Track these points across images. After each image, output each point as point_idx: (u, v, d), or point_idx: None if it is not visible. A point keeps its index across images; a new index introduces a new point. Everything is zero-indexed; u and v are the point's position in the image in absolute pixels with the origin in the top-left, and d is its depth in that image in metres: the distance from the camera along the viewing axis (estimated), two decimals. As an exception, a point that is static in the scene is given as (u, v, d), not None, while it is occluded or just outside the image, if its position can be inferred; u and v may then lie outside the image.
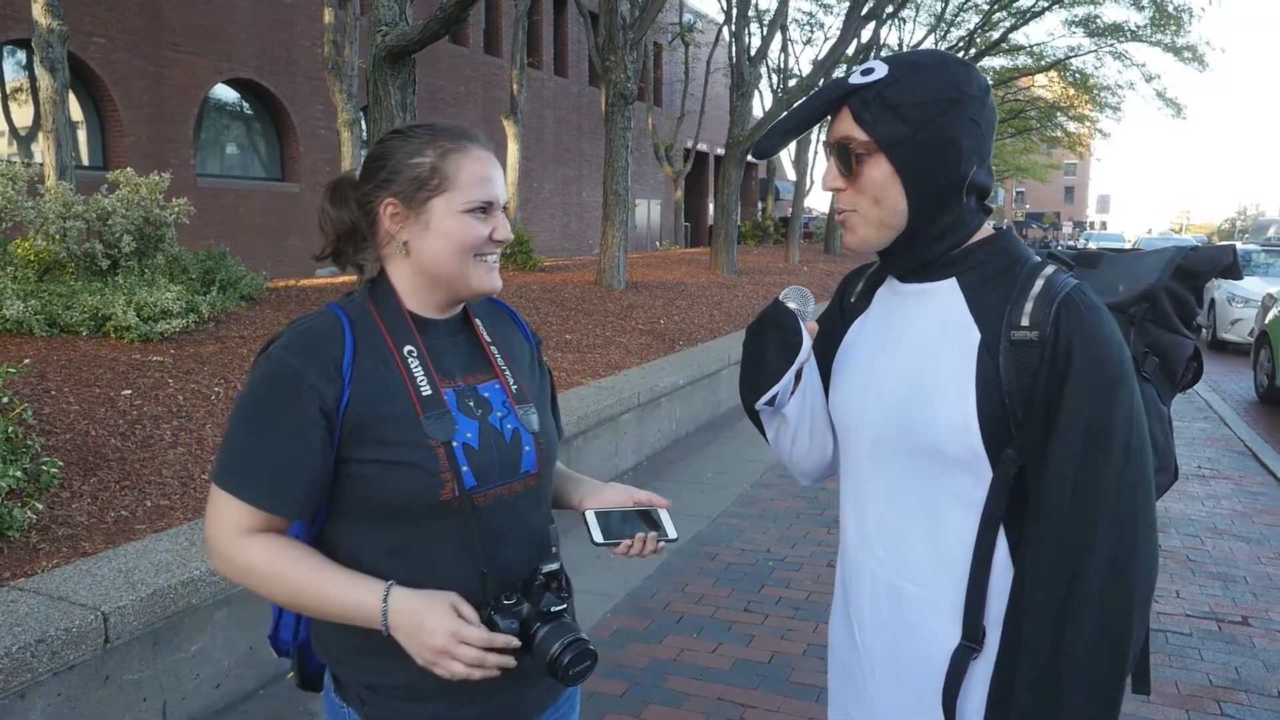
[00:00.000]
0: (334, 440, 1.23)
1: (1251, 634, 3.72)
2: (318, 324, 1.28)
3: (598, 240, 15.71)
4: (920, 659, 1.24)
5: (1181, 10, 23.05)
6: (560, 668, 1.22)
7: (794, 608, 3.89)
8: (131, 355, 5.09)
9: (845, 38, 16.77)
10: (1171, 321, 1.35)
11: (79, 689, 2.56)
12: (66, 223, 6.08)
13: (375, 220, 1.32)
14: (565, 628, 1.25)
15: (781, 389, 1.29)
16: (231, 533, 1.23)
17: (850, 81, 1.20)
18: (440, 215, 1.28)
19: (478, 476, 1.27)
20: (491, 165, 1.32)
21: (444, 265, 1.29)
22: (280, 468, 1.21)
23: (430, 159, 1.29)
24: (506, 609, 1.24)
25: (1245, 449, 6.93)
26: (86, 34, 11.76)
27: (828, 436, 1.40)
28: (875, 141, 1.18)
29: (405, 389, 1.26)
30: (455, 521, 1.25)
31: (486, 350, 1.39)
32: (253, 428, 1.22)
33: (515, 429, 1.34)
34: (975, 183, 1.20)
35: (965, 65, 1.19)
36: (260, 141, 15.22)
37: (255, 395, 1.23)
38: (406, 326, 1.30)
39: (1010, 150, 43.14)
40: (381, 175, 1.30)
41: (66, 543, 3.17)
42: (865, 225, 1.23)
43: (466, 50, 19.40)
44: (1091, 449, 1.10)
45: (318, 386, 1.22)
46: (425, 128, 1.33)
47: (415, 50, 6.70)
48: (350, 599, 1.20)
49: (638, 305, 10.41)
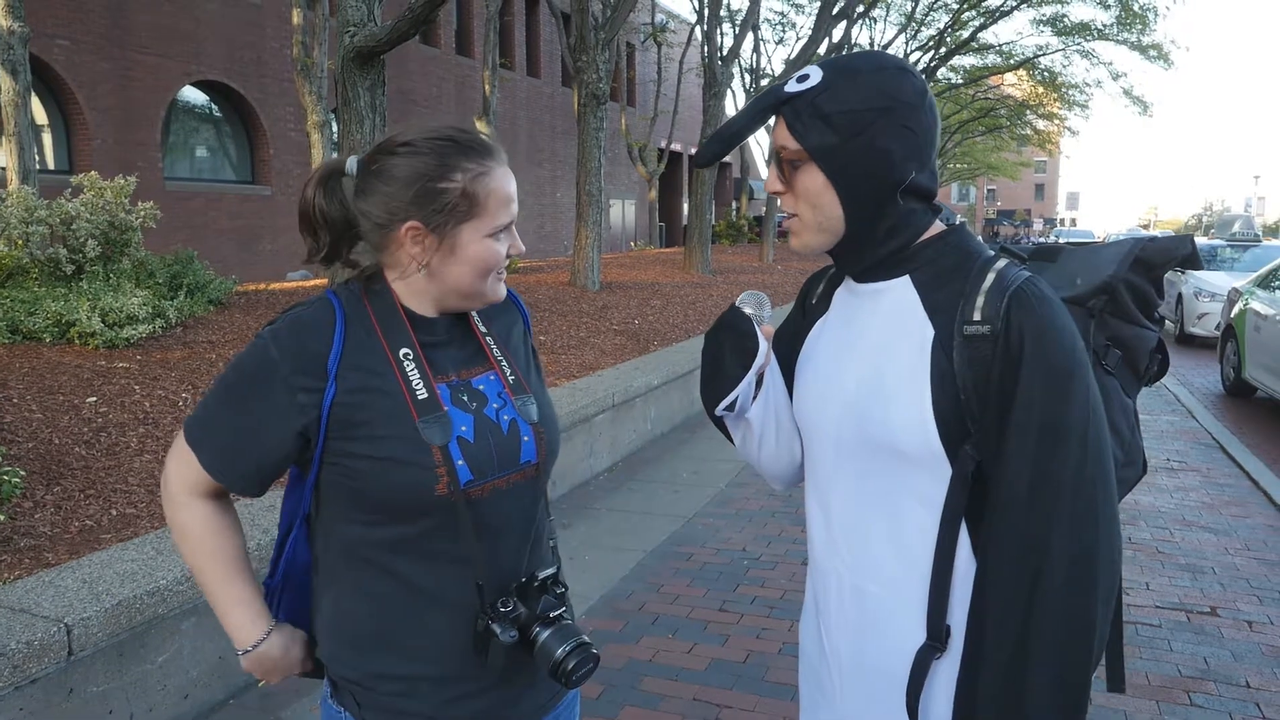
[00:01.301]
0: (318, 434, 1.24)
1: (1220, 624, 3.77)
2: (308, 316, 1.26)
3: (572, 241, 15.70)
4: (885, 661, 1.24)
5: (1147, 9, 23.37)
6: (564, 672, 1.21)
7: (769, 606, 3.90)
8: (96, 362, 5.01)
9: (817, 37, 16.86)
10: (1131, 313, 1.35)
11: (42, 703, 2.51)
12: (29, 228, 5.98)
13: (389, 237, 1.26)
14: (567, 630, 1.24)
15: (741, 394, 1.28)
16: (186, 485, 1.29)
17: (785, 90, 1.20)
18: (467, 242, 1.25)
19: (474, 470, 1.25)
20: (512, 182, 1.30)
21: (464, 286, 1.28)
22: (236, 444, 1.25)
23: (460, 184, 1.24)
24: (504, 616, 1.23)
25: (1213, 441, 7.03)
26: (49, 36, 11.58)
27: (795, 440, 1.39)
28: (806, 151, 1.18)
29: (399, 390, 1.24)
30: (451, 517, 1.24)
31: (482, 342, 1.36)
32: (225, 399, 1.26)
33: (513, 420, 1.32)
34: (915, 186, 1.20)
35: (900, 71, 1.18)
36: (230, 144, 15.06)
37: (238, 370, 1.26)
38: (402, 327, 1.28)
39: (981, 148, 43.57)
40: (402, 195, 1.24)
41: (29, 553, 3.11)
42: (806, 230, 1.23)
43: (438, 51, 19.31)
44: (1047, 444, 1.10)
45: (292, 381, 1.22)
46: (444, 141, 1.26)
47: (384, 51, 6.65)
48: (232, 615, 1.30)
49: (612, 306, 10.40)
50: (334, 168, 1.31)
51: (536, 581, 1.27)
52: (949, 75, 31.08)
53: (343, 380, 1.23)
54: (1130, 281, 1.33)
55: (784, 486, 1.47)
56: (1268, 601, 4.00)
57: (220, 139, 14.96)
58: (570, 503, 5.34)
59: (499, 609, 1.23)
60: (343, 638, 1.28)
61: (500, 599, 1.25)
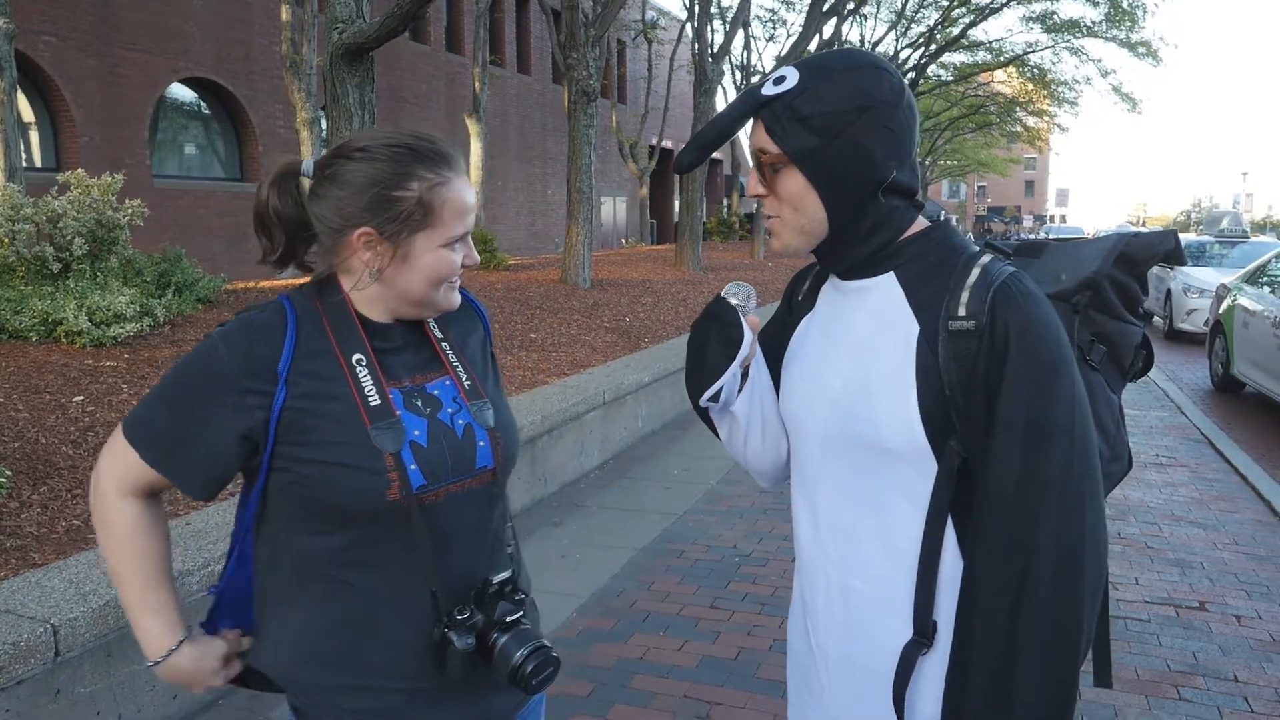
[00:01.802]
0: (267, 439, 1.22)
1: (1208, 619, 3.79)
2: (260, 318, 1.25)
3: (563, 238, 15.67)
4: (872, 659, 1.23)
5: (1135, 6, 23.45)
6: (523, 677, 1.20)
7: (760, 603, 3.90)
8: (83, 360, 4.98)
9: (807, 34, 16.87)
10: (1116, 309, 1.35)
11: (28, 704, 2.49)
12: (15, 225, 5.94)
13: (341, 242, 1.26)
14: (525, 635, 1.23)
15: (726, 386, 1.28)
16: (117, 482, 1.27)
17: (762, 93, 1.19)
18: (421, 251, 1.24)
19: (427, 475, 1.24)
20: (470, 191, 1.29)
21: (415, 294, 1.27)
22: (178, 441, 1.23)
23: (416, 193, 1.23)
24: (460, 624, 1.21)
25: (1202, 437, 7.06)
26: (35, 32, 11.49)
27: (781, 437, 1.39)
28: (786, 154, 1.17)
29: (351, 396, 1.23)
30: (404, 522, 1.22)
31: (437, 348, 1.35)
32: (169, 396, 1.24)
33: (468, 425, 1.31)
34: (896, 184, 1.19)
35: (876, 69, 1.18)
36: (219, 141, 14.98)
37: (185, 370, 1.24)
38: (355, 333, 1.27)
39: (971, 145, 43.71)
40: (355, 203, 1.23)
41: (15, 554, 3.09)
42: (788, 232, 1.23)
43: (428, 48, 19.24)
44: (1034, 439, 1.10)
45: (241, 383, 1.21)
46: (401, 149, 1.24)
47: (373, 47, 6.63)
48: (144, 623, 1.27)
49: (603, 303, 10.39)
50: (289, 169, 1.30)
51: (493, 587, 1.25)
52: (939, 72, 31.17)
53: (293, 385, 1.22)
54: (1114, 277, 1.34)
55: (770, 484, 1.47)
56: (1256, 596, 4.02)
57: (209, 136, 14.88)
58: (561, 500, 5.33)
59: (455, 617, 1.22)
60: (299, 653, 1.26)
61: (457, 606, 1.23)
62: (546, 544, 4.62)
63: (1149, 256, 1.36)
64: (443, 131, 19.65)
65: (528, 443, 5.10)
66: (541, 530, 4.81)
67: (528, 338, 7.88)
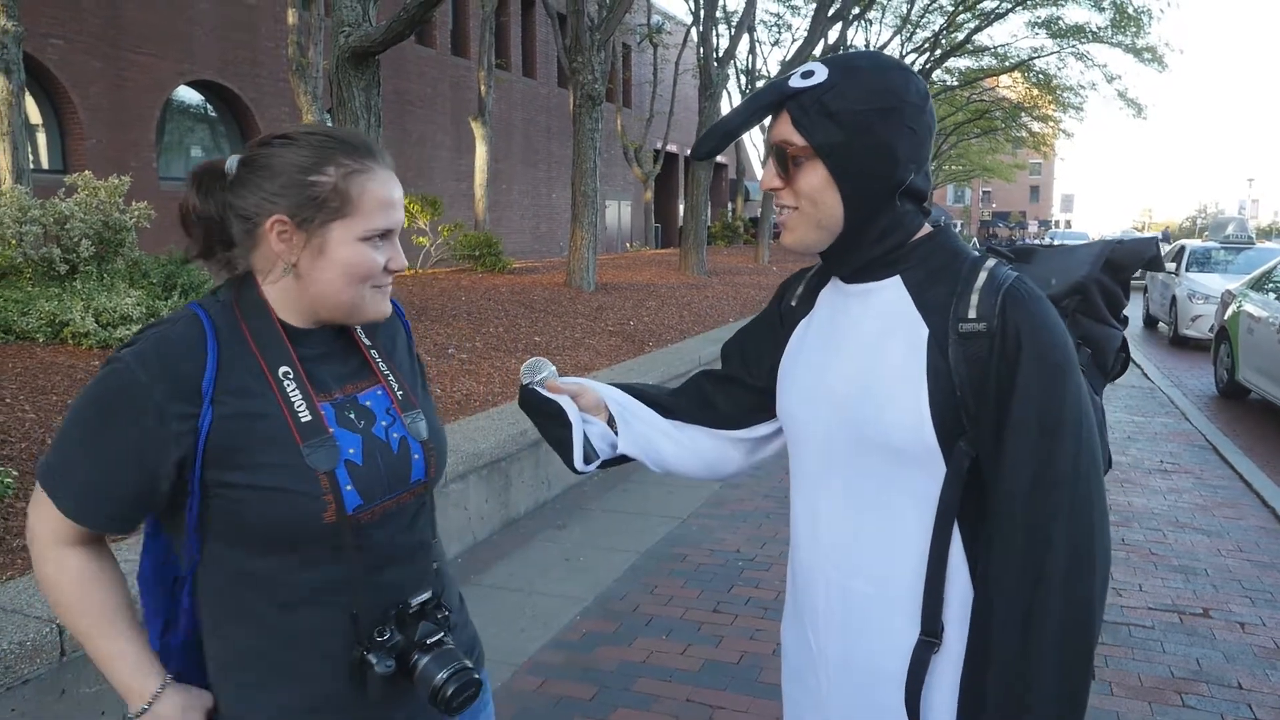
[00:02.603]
0: (194, 463, 1.14)
1: (1212, 626, 3.78)
2: (175, 333, 1.15)
3: (567, 242, 15.71)
4: (876, 659, 1.24)
5: (1141, 12, 23.44)
6: (443, 699, 1.16)
7: (763, 608, 3.90)
8: (90, 362, 5.00)
9: (812, 39, 16.89)
10: (1101, 313, 1.39)
11: (34, 704, 2.50)
12: (22, 227, 5.97)
13: (256, 234, 1.19)
14: (447, 656, 1.19)
15: (590, 446, 1.37)
16: (50, 535, 1.17)
17: (790, 85, 1.19)
18: (337, 242, 1.17)
19: (363, 494, 1.18)
20: (395, 187, 1.22)
21: (334, 294, 1.19)
22: (100, 482, 1.13)
23: (332, 178, 1.16)
24: (380, 645, 1.18)
25: (1206, 443, 7.04)
26: (43, 35, 11.55)
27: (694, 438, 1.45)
28: (812, 147, 1.18)
29: (281, 413, 1.16)
30: (338, 543, 1.18)
31: (366, 355, 1.29)
32: (82, 435, 1.14)
33: (403, 438, 1.26)
34: (912, 187, 1.21)
35: (904, 71, 1.19)
36: (225, 144, 15.03)
37: (94, 402, 1.13)
38: (280, 343, 1.19)
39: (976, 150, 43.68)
40: (270, 188, 1.16)
41: (21, 554, 3.10)
42: (802, 226, 1.23)
43: (434, 52, 19.29)
44: (1047, 438, 1.12)
45: (165, 406, 1.11)
46: (324, 136, 1.20)
47: (379, 51, 6.66)
48: (116, 673, 1.17)
49: (607, 307, 10.40)
50: (213, 167, 1.23)
51: (412, 608, 1.21)
52: (944, 77, 31.16)
53: (219, 405, 1.13)
54: (1101, 282, 1.38)
55: (722, 476, 1.52)
56: (1260, 603, 4.01)
57: (215, 139, 14.94)
58: (565, 504, 5.34)
59: (375, 638, 1.18)
60: (233, 676, 1.21)
61: (377, 628, 1.19)
62: (550, 547, 4.62)
63: (1134, 263, 1.40)
64: (448, 135, 19.69)
65: (532, 446, 5.11)
66: (545, 533, 4.82)
67: (532, 341, 7.89)
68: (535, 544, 4.64)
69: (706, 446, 1.46)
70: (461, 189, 19.58)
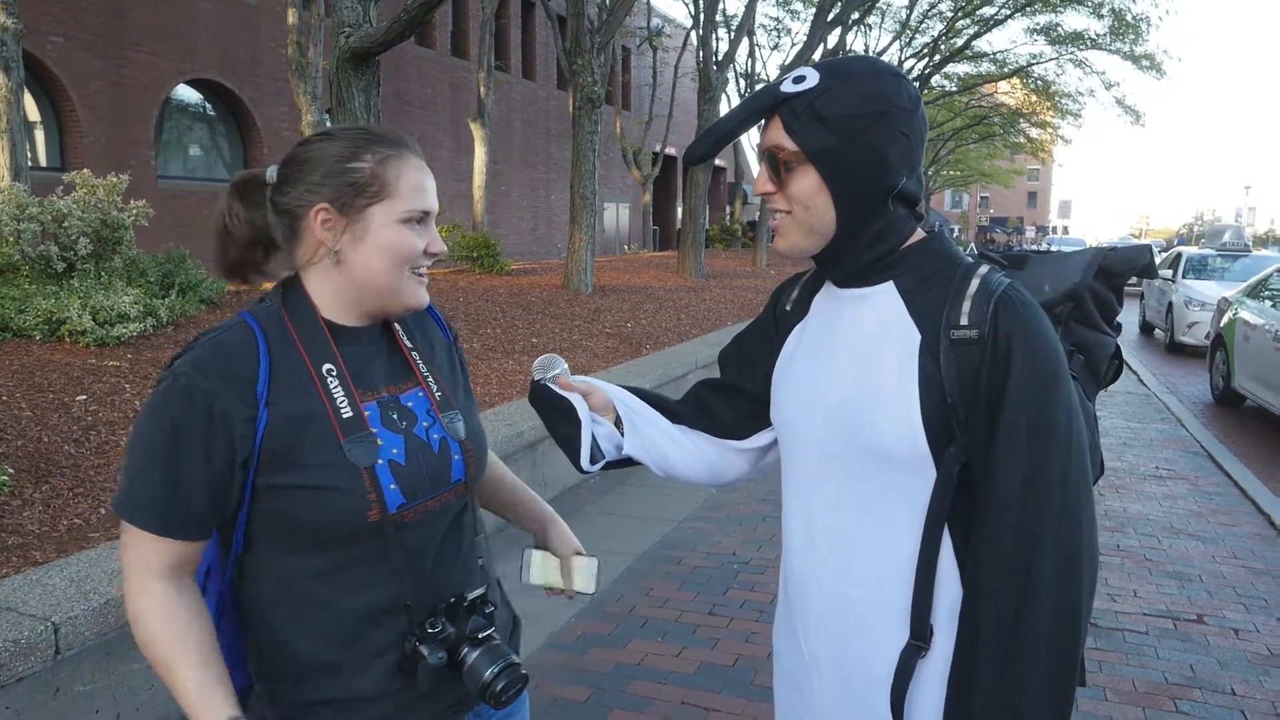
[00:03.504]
0: (251, 466, 1.16)
1: (1206, 632, 3.79)
2: (230, 339, 1.19)
3: (565, 244, 15.71)
4: (868, 663, 1.24)
5: (1140, 19, 23.49)
6: (493, 693, 1.20)
7: (759, 610, 3.90)
8: (87, 360, 5.00)
9: (812, 44, 16.91)
10: (1094, 320, 1.40)
11: (28, 702, 2.50)
12: (20, 225, 5.96)
13: (300, 227, 1.23)
14: (495, 652, 1.22)
15: (597, 446, 1.37)
16: (137, 563, 1.17)
17: (781, 90, 1.20)
18: (378, 224, 1.21)
19: (406, 493, 1.22)
20: (428, 175, 1.27)
21: (378, 278, 1.23)
22: (177, 490, 1.14)
23: (369, 164, 1.22)
24: (432, 638, 1.21)
25: (1201, 450, 7.06)
26: (43, 33, 11.54)
27: (698, 443, 1.45)
28: (804, 152, 1.18)
29: (325, 411, 1.19)
30: (381, 541, 1.21)
31: (408, 357, 1.33)
32: (152, 448, 1.14)
33: (442, 438, 1.29)
34: (904, 192, 1.21)
35: (896, 76, 1.20)
36: (224, 143, 15.02)
37: (159, 412, 1.14)
38: (324, 341, 1.22)
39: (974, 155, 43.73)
40: (311, 179, 1.22)
41: (16, 552, 3.10)
42: (795, 231, 1.24)
43: (433, 53, 19.30)
44: (1037, 445, 1.12)
45: (229, 410, 1.14)
46: (360, 130, 1.26)
47: (379, 52, 6.66)
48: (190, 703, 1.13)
49: (605, 309, 10.40)
50: (253, 176, 1.28)
51: (465, 602, 1.25)
52: (943, 82, 31.20)
53: (272, 407, 1.17)
54: (1094, 289, 1.39)
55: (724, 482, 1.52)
56: (1254, 609, 4.02)
57: (214, 138, 14.93)
58: (561, 506, 5.34)
59: (427, 630, 1.21)
60: (275, 670, 1.24)
61: (429, 620, 1.22)
62: (546, 549, 4.61)
63: (1126, 270, 1.41)
64: (447, 136, 19.70)
65: (528, 447, 5.11)
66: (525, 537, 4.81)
67: (529, 342, 7.89)
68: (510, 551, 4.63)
69: (711, 452, 1.46)
70: (460, 190, 19.58)
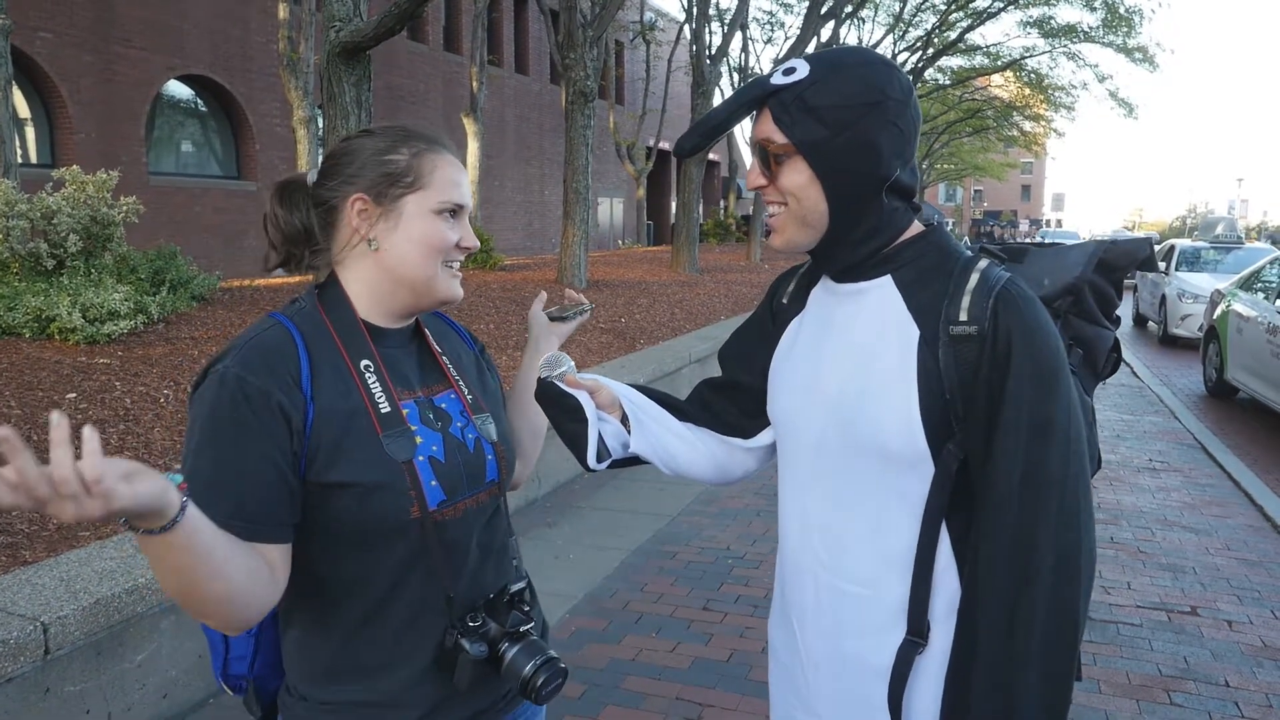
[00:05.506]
0: (301, 461, 1.15)
1: (1200, 624, 3.79)
2: (268, 339, 1.18)
3: (559, 239, 15.69)
4: (863, 659, 1.24)
5: (1133, 12, 23.51)
6: (533, 688, 1.21)
7: (753, 605, 3.90)
8: (77, 358, 4.97)
9: (805, 37, 16.89)
10: (1094, 314, 1.38)
11: (18, 702, 2.49)
12: (9, 221, 5.92)
13: (338, 218, 1.26)
14: (534, 647, 1.24)
15: (603, 444, 1.35)
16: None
17: (771, 82, 1.18)
18: (412, 214, 1.24)
19: (447, 490, 1.23)
20: (462, 172, 1.30)
21: (412, 268, 1.24)
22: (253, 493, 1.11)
23: (404, 157, 1.25)
24: (473, 631, 1.22)
25: (1195, 442, 7.08)
26: (32, 29, 11.47)
27: (705, 440, 1.43)
28: (794, 144, 1.17)
29: (364, 406, 1.20)
30: (421, 538, 1.22)
31: (439, 361, 1.35)
32: (216, 456, 1.10)
33: (477, 439, 1.31)
34: (899, 184, 1.20)
35: (888, 66, 1.18)
36: (215, 139, 14.96)
37: (215, 418, 1.11)
38: (362, 338, 1.24)
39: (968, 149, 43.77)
40: (349, 171, 1.25)
41: (5, 551, 3.08)
42: (790, 225, 1.22)
43: (426, 47, 19.23)
44: (1036, 441, 1.11)
45: (285, 404, 1.13)
46: (398, 127, 1.30)
47: (370, 46, 6.62)
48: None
49: (599, 304, 10.39)
50: (294, 179, 1.30)
51: (506, 597, 1.26)
52: (936, 76, 31.20)
53: (317, 402, 1.17)
54: (1094, 283, 1.37)
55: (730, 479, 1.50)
56: (1247, 601, 4.03)
57: (205, 133, 14.86)
58: (555, 501, 5.33)
59: (468, 624, 1.22)
60: (308, 671, 1.24)
61: (469, 614, 1.23)
62: (540, 544, 4.61)
63: (1127, 263, 1.39)
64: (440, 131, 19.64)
65: (522, 443, 5.10)
66: (535, 531, 4.81)
67: (523, 338, 7.87)
68: (525, 542, 4.63)
69: (718, 450, 1.45)
70: (453, 185, 19.51)
